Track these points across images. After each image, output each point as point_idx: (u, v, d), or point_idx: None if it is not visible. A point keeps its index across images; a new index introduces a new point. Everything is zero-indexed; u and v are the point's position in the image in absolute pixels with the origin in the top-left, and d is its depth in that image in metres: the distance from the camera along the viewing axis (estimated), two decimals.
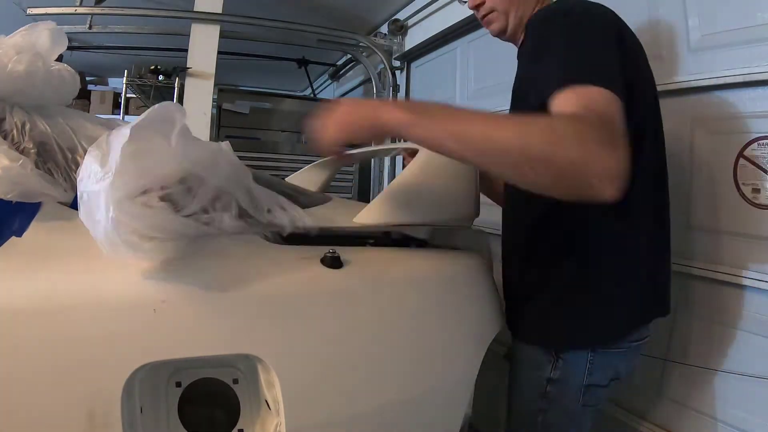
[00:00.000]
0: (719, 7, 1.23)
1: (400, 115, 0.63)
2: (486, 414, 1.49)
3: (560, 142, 0.57)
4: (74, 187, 0.71)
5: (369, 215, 0.87)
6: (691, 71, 1.28)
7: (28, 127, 0.72)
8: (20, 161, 0.62)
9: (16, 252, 0.61)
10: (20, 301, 0.58)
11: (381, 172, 3.21)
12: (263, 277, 0.69)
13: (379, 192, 3.15)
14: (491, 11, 0.98)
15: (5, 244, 0.61)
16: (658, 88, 1.35)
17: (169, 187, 0.56)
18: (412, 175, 0.95)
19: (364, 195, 3.33)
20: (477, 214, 0.98)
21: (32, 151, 0.70)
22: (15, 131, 0.71)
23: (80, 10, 2.51)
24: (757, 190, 1.14)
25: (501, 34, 1.02)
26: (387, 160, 3.12)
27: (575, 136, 0.57)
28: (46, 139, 0.72)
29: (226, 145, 0.65)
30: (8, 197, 0.61)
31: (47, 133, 0.73)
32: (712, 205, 1.25)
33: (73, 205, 0.69)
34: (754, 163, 1.14)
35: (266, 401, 0.71)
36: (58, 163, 0.72)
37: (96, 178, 0.54)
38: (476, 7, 1.00)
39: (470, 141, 0.60)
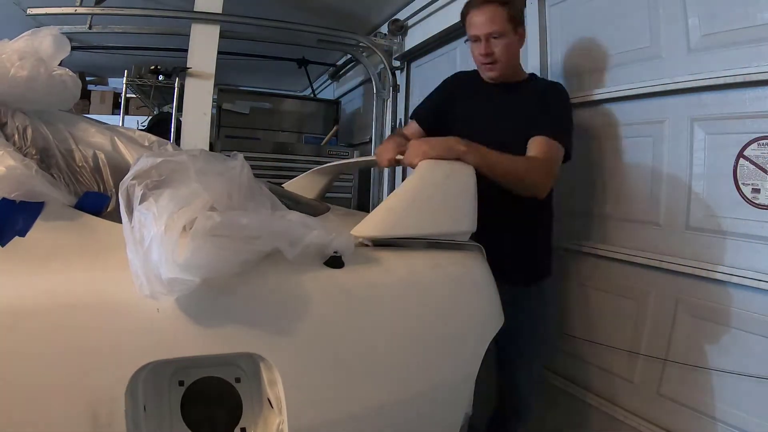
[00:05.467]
0: (719, 7, 1.23)
1: (464, 148, 1.09)
2: (486, 414, 1.49)
3: (534, 174, 1.21)
4: (76, 192, 0.71)
5: (366, 228, 0.87)
6: (691, 71, 1.28)
7: (29, 131, 0.72)
8: (24, 161, 0.62)
9: (20, 252, 0.62)
10: (23, 300, 0.58)
11: (381, 176, 3.20)
12: (265, 276, 0.69)
13: (379, 197, 3.16)
14: (496, 61, 1.38)
15: (9, 244, 0.61)
16: (658, 88, 1.37)
17: None
18: (411, 189, 0.95)
19: (364, 198, 3.33)
20: (474, 228, 0.98)
21: (35, 156, 0.70)
22: (17, 135, 0.71)
23: (80, 10, 2.51)
24: (757, 190, 1.14)
25: (494, 78, 1.43)
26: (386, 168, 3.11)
27: (540, 170, 1.22)
28: (47, 145, 0.73)
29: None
30: (12, 196, 0.61)
31: (48, 139, 0.73)
32: (712, 205, 1.25)
33: (76, 206, 0.69)
34: (754, 163, 1.14)
35: (269, 400, 0.72)
36: (60, 168, 0.72)
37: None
38: (486, 55, 1.37)
39: (493, 167, 1.13)
